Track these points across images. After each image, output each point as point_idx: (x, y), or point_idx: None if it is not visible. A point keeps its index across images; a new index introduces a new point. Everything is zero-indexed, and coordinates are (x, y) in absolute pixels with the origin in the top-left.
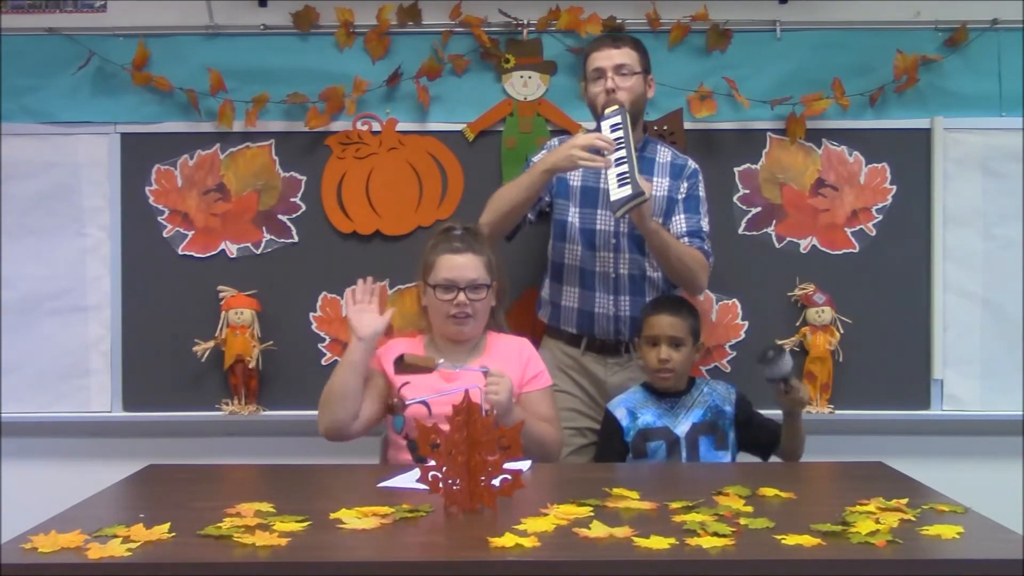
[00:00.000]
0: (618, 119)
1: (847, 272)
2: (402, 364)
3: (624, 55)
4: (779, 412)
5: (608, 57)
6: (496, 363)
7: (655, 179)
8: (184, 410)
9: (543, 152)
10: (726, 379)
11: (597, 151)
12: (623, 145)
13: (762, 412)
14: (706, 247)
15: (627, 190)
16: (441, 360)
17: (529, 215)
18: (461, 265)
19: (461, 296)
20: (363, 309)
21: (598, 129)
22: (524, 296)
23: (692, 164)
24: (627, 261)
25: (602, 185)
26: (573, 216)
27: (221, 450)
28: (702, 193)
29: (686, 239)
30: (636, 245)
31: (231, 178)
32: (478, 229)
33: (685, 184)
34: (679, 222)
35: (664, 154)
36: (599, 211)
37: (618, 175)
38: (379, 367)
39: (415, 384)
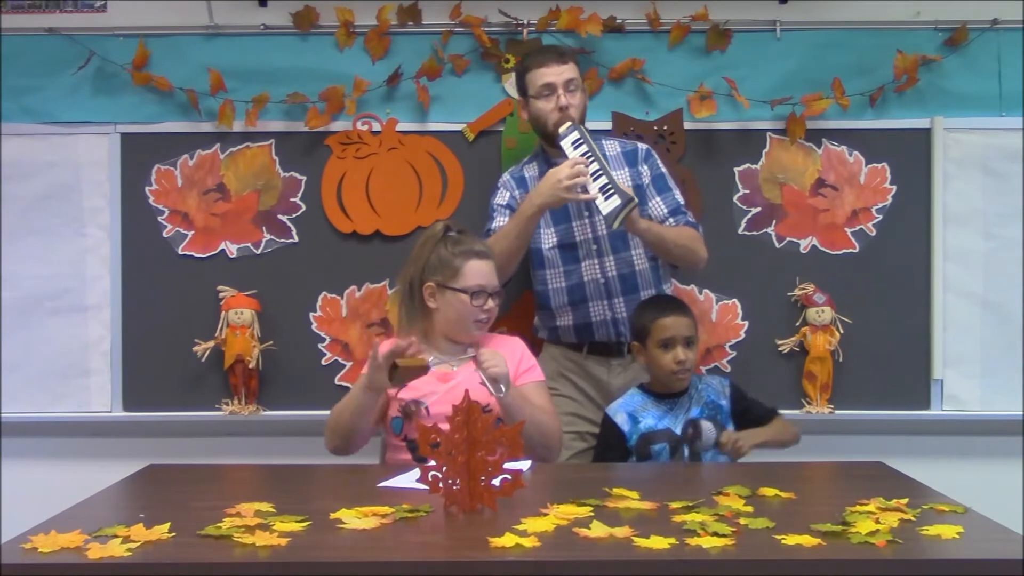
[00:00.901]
0: (576, 135)
1: (847, 272)
2: (397, 373)
3: (571, 70)
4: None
5: (558, 73)
6: None
7: (615, 173)
8: (184, 410)
9: (500, 191)
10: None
11: (578, 176)
12: (592, 158)
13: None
14: (691, 219)
15: (615, 200)
16: (432, 358)
17: None
18: (489, 271)
19: (490, 302)
20: (384, 366)
21: (558, 147)
22: (523, 298)
23: (642, 145)
24: (613, 262)
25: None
26: (548, 238)
27: (221, 450)
28: (664, 169)
29: (671, 220)
30: (620, 242)
31: (231, 178)
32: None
33: (645, 167)
34: (657, 205)
35: (612, 146)
36: (574, 223)
37: (600, 188)
38: None
39: (415, 386)
